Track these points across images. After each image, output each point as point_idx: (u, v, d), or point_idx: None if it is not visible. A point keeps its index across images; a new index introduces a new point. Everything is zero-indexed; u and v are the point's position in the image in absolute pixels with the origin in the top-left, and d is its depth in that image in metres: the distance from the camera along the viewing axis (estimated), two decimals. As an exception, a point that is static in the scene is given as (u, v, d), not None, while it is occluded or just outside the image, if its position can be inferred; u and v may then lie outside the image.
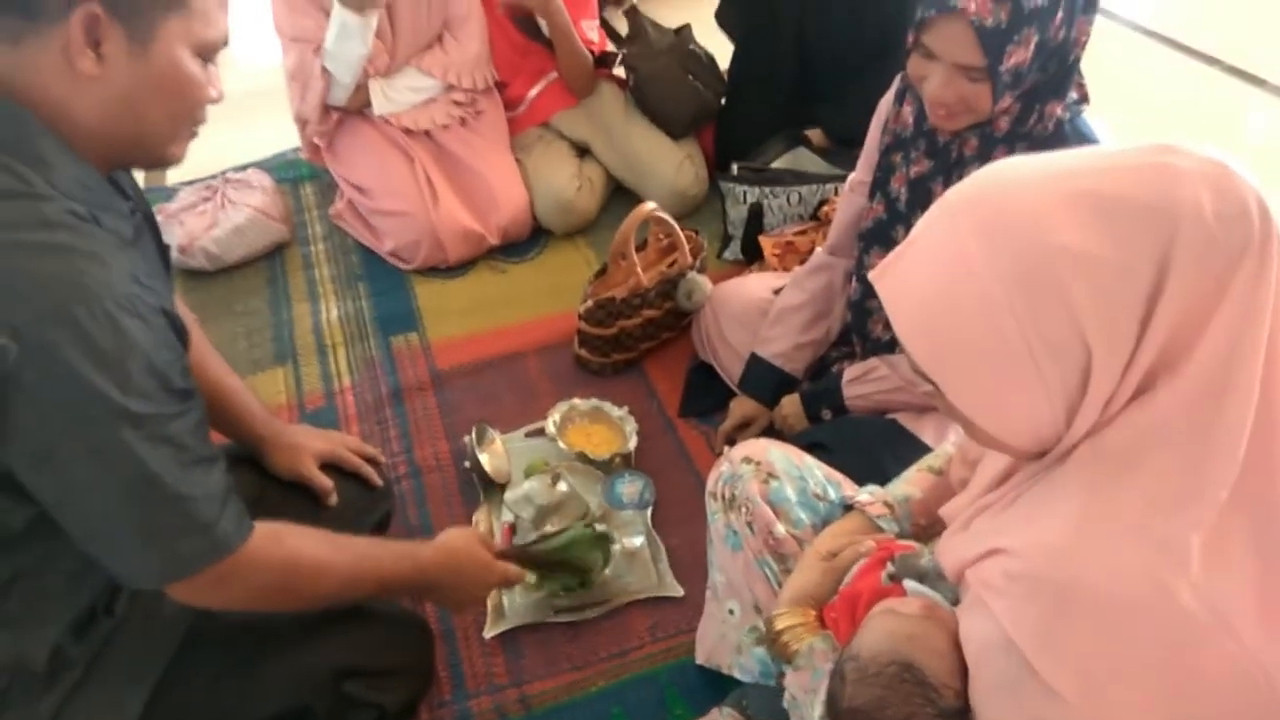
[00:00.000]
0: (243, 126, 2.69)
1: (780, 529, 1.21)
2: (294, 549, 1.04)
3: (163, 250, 1.11)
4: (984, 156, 1.36)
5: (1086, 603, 0.71)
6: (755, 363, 1.73)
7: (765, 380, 1.72)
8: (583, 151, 2.48)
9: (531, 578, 1.45)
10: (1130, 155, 0.73)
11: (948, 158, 1.41)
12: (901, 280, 0.78)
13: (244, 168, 2.55)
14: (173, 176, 2.59)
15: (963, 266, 0.72)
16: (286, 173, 2.67)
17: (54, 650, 0.99)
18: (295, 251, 2.39)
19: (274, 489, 1.38)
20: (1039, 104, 1.31)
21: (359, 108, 2.31)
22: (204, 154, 1.01)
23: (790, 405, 1.67)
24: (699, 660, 1.31)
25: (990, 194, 0.74)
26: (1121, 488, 0.72)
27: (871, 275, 0.82)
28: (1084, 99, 1.37)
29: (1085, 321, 0.69)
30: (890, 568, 0.97)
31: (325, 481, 1.41)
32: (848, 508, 1.18)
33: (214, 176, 2.44)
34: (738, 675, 1.22)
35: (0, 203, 0.84)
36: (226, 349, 1.50)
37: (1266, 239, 0.69)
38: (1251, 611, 0.71)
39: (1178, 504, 0.70)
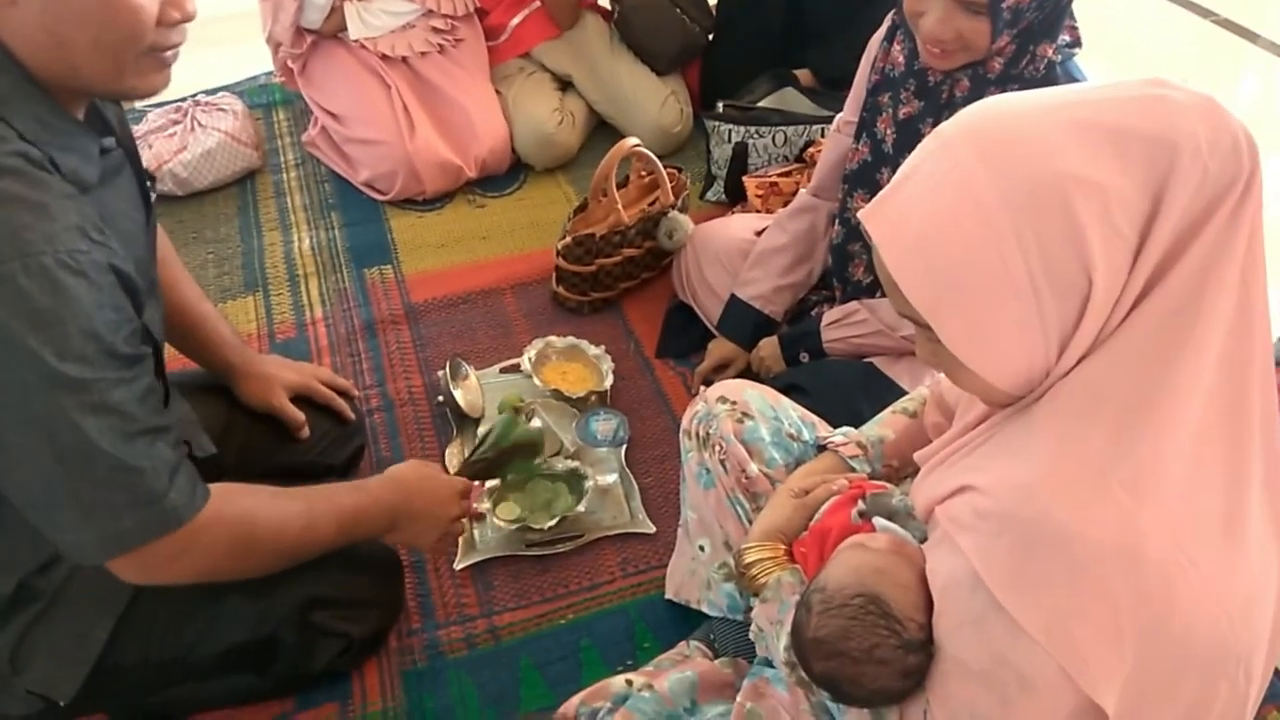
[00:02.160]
0: (213, 48, 2.61)
1: (753, 468, 1.21)
2: (247, 509, 1.00)
3: (143, 186, 1.05)
4: (976, 98, 1.31)
5: (1055, 541, 0.71)
6: (734, 304, 1.72)
7: (744, 322, 1.71)
8: (565, 85, 2.43)
9: (486, 502, 1.47)
10: (1124, 88, 0.72)
11: (938, 98, 1.39)
12: (896, 216, 0.76)
13: (214, 91, 2.48)
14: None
15: (968, 197, 0.70)
16: (259, 97, 2.60)
17: (18, 585, 0.98)
18: (266, 179, 2.34)
19: (242, 419, 1.36)
20: (1032, 45, 1.29)
21: (334, 31, 2.24)
22: (173, 76, 0.94)
23: (768, 347, 1.66)
24: (668, 595, 1.32)
25: (991, 124, 0.72)
26: (1090, 422, 0.72)
27: (861, 214, 0.79)
28: (1076, 42, 1.35)
29: (1091, 252, 0.68)
30: (861, 505, 0.98)
31: (297, 414, 1.39)
32: (821, 448, 1.18)
33: (183, 99, 2.37)
34: (706, 610, 1.23)
35: None
36: (195, 276, 1.46)
37: (1253, 174, 0.69)
38: (1217, 541, 0.71)
39: (1143, 432, 0.71)
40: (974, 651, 0.79)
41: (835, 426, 1.22)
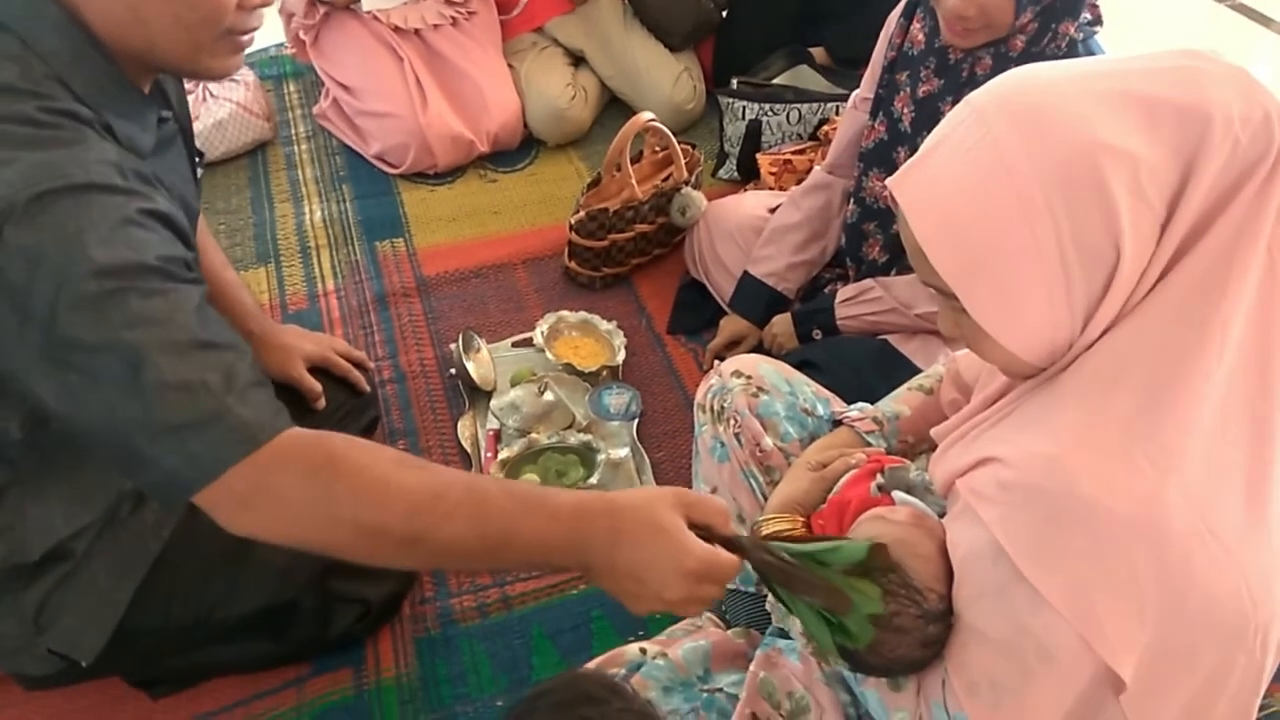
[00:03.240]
0: (225, 18, 2.59)
1: (768, 441, 1.21)
2: (341, 450, 0.80)
3: (193, 161, 1.07)
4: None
5: (1079, 513, 0.72)
6: (747, 281, 1.72)
7: (756, 299, 1.71)
8: (577, 60, 2.42)
9: (499, 474, 1.33)
10: (1158, 59, 0.72)
11: (959, 76, 1.38)
12: (925, 184, 0.75)
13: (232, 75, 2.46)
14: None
15: (1000, 166, 0.70)
16: (270, 69, 2.59)
17: (52, 549, 0.98)
18: (278, 150, 2.33)
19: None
20: (1054, 23, 1.29)
21: (346, 3, 2.23)
22: None
23: (781, 324, 1.66)
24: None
25: (1024, 93, 0.72)
26: (1116, 394, 0.72)
27: (889, 181, 0.79)
28: (1097, 20, 1.35)
29: (1121, 222, 0.68)
30: (880, 479, 0.98)
31: (314, 385, 1.40)
32: (836, 423, 1.18)
33: (195, 71, 2.36)
34: (719, 583, 1.23)
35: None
36: (207, 246, 1.50)
37: None
38: (1239, 514, 0.72)
39: (1168, 405, 0.71)
40: (994, 622, 0.79)
41: (849, 403, 1.23)
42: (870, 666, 0.87)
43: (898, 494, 0.94)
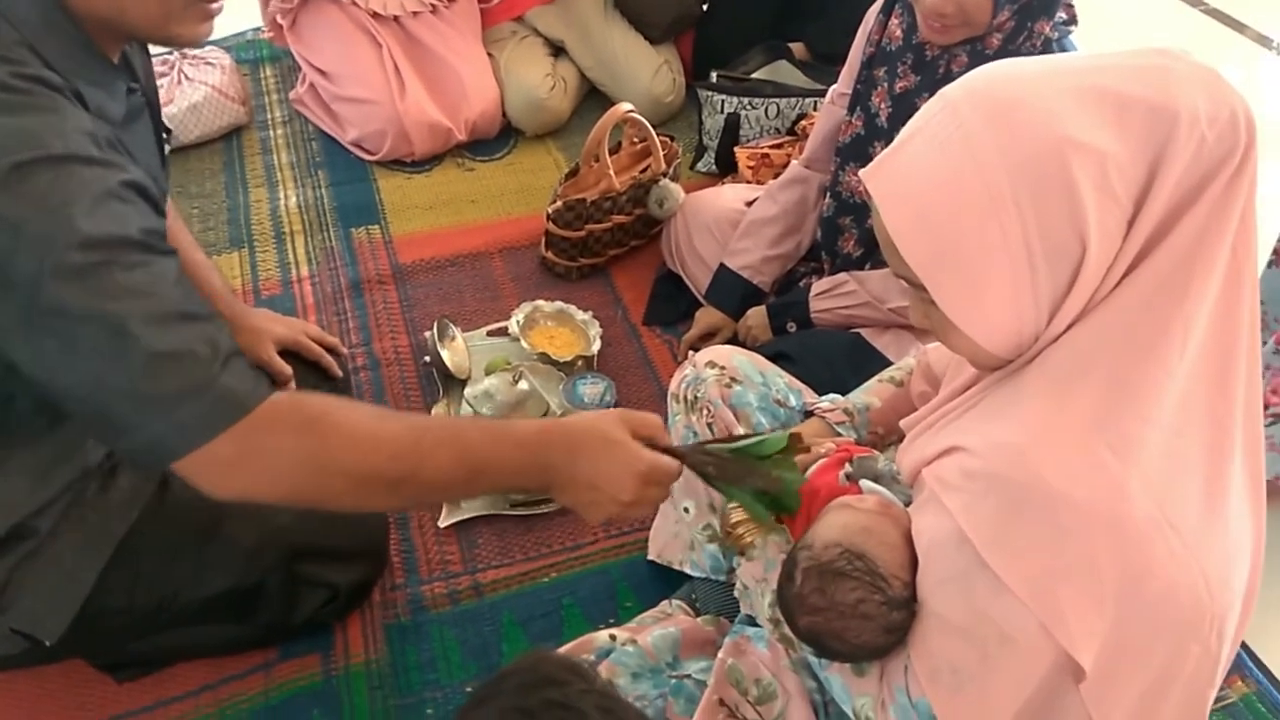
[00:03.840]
0: (201, 0, 2.56)
1: (740, 432, 1.22)
2: (323, 410, 0.85)
3: (159, 137, 1.05)
4: (972, 73, 1.35)
5: (1042, 502, 0.73)
6: (723, 273, 1.72)
7: (732, 291, 1.71)
8: (557, 50, 2.41)
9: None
10: (1127, 56, 0.73)
11: (935, 73, 1.39)
12: (897, 176, 0.76)
13: (202, 45, 2.44)
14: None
15: (969, 159, 0.71)
16: (246, 53, 2.56)
17: (15, 526, 0.97)
18: (253, 135, 2.31)
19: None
20: (1030, 21, 1.30)
21: (325, -14, 2.21)
22: None
23: (756, 317, 1.67)
24: (650, 556, 1.33)
25: (996, 87, 0.73)
26: (1079, 387, 0.74)
27: (862, 173, 0.80)
28: (1072, 20, 1.36)
29: (1087, 218, 0.69)
30: (848, 468, 0.99)
31: (284, 368, 1.39)
32: (808, 414, 1.20)
33: (170, 52, 2.33)
34: (689, 571, 1.24)
35: None
36: (180, 229, 1.49)
37: (1249, 148, 0.71)
38: (1197, 506, 0.73)
39: (1130, 397, 0.72)
40: (956, 608, 0.81)
41: (821, 394, 1.24)
42: (835, 653, 0.89)
43: (865, 483, 0.95)
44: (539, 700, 0.57)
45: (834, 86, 1.60)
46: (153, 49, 1.04)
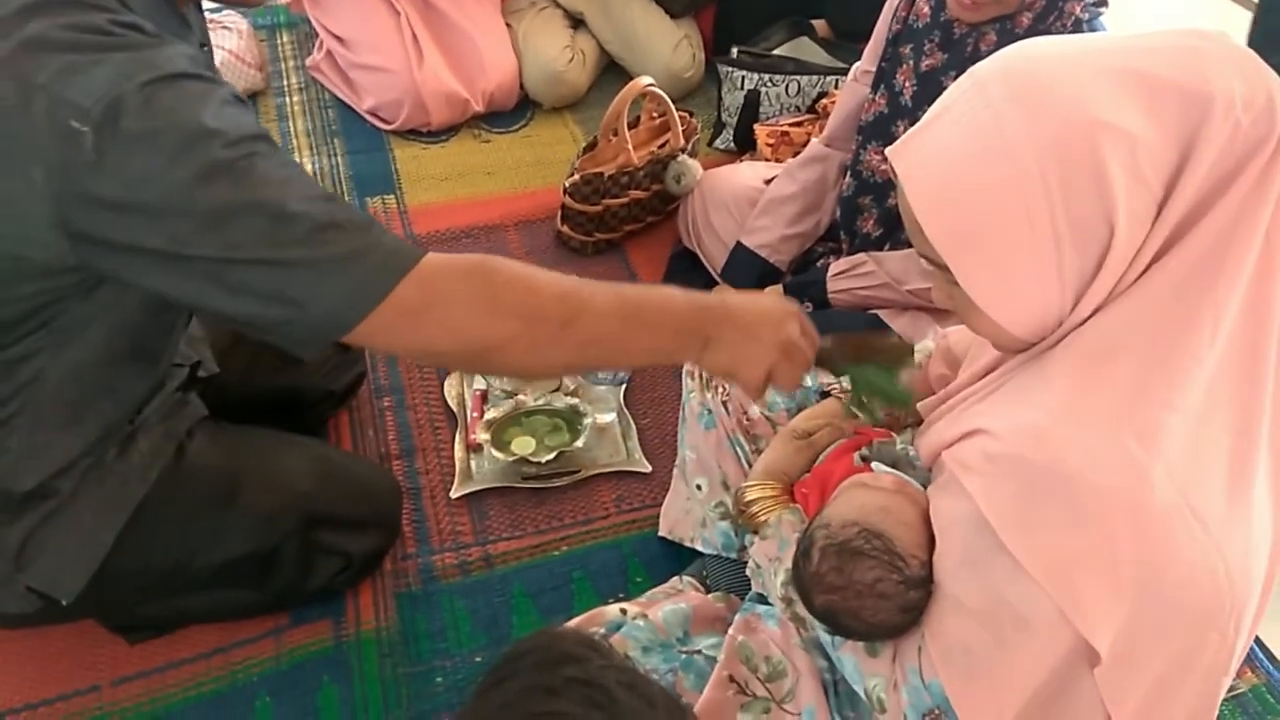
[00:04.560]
0: (219, -36, 2.54)
1: (755, 410, 1.22)
2: (480, 258, 0.86)
3: None
4: (1000, 52, 1.33)
5: (1063, 486, 0.72)
6: (739, 251, 1.71)
7: (748, 270, 1.70)
8: (576, 22, 2.39)
9: (485, 434, 1.40)
10: (1162, 37, 0.72)
11: (963, 52, 1.37)
12: (924, 154, 0.75)
13: (219, 9, 2.42)
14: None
15: (998, 139, 0.70)
16: (264, 18, 2.54)
17: (40, 485, 0.98)
18: (269, 102, 2.30)
19: (246, 339, 1.35)
20: (1061, 1, 1.28)
21: (344, -47, 2.19)
22: None
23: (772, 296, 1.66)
24: (662, 533, 1.34)
25: (1027, 67, 0.72)
26: (1105, 372, 0.73)
27: (889, 150, 0.79)
28: (1103, 1, 1.34)
29: (1116, 202, 0.68)
30: (865, 450, 0.99)
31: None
32: (824, 394, 1.19)
33: (188, 14, 2.32)
34: (700, 548, 1.24)
35: (69, 7, 0.78)
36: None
37: None
38: (1221, 496, 0.73)
39: (1157, 384, 0.71)
40: (973, 590, 0.80)
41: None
42: (851, 631, 0.88)
43: (877, 465, 0.94)
44: (560, 678, 0.56)
45: (857, 64, 1.58)
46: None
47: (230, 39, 2.24)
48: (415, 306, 0.82)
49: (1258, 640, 1.32)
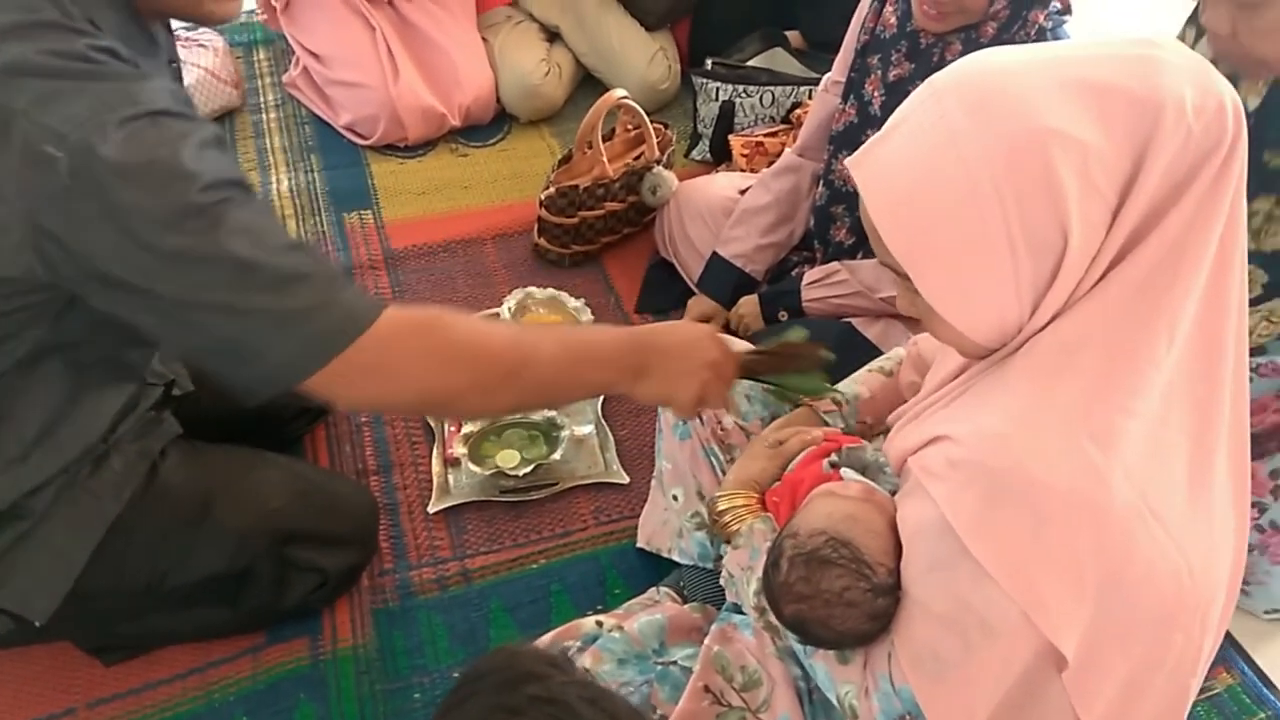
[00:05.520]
0: (194, -18, 2.54)
1: (729, 420, 1.22)
2: (433, 314, 0.89)
3: None
4: (966, 62, 1.34)
5: (1023, 490, 0.73)
6: (715, 262, 1.72)
7: (724, 280, 1.71)
8: (552, 36, 2.40)
9: (462, 448, 1.41)
10: (1115, 46, 0.72)
11: (929, 61, 1.39)
12: (881, 165, 0.76)
13: (195, 27, 2.42)
14: (117, 30, 2.45)
15: (951, 149, 0.71)
16: (240, 35, 2.54)
17: (12, 505, 0.98)
18: (245, 119, 2.29)
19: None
20: (1025, 10, 1.30)
21: (319, -31, 2.20)
22: None
23: (748, 305, 1.67)
24: (639, 544, 1.34)
25: (980, 77, 0.73)
26: (1065, 377, 0.74)
27: (848, 161, 0.80)
28: (1066, 9, 1.36)
29: (1069, 209, 0.69)
30: (834, 457, 0.99)
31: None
32: (797, 403, 1.19)
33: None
34: (677, 558, 1.25)
35: (48, 31, 0.79)
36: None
37: (1236, 139, 0.70)
38: (1181, 497, 0.73)
39: (1115, 389, 0.72)
40: (939, 596, 0.81)
41: (811, 383, 1.24)
42: (820, 640, 0.89)
43: (847, 471, 0.95)
44: (522, 697, 0.56)
45: (828, 74, 1.60)
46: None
47: (206, 56, 2.24)
48: (369, 363, 0.84)
49: (1232, 641, 1.33)
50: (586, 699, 0.56)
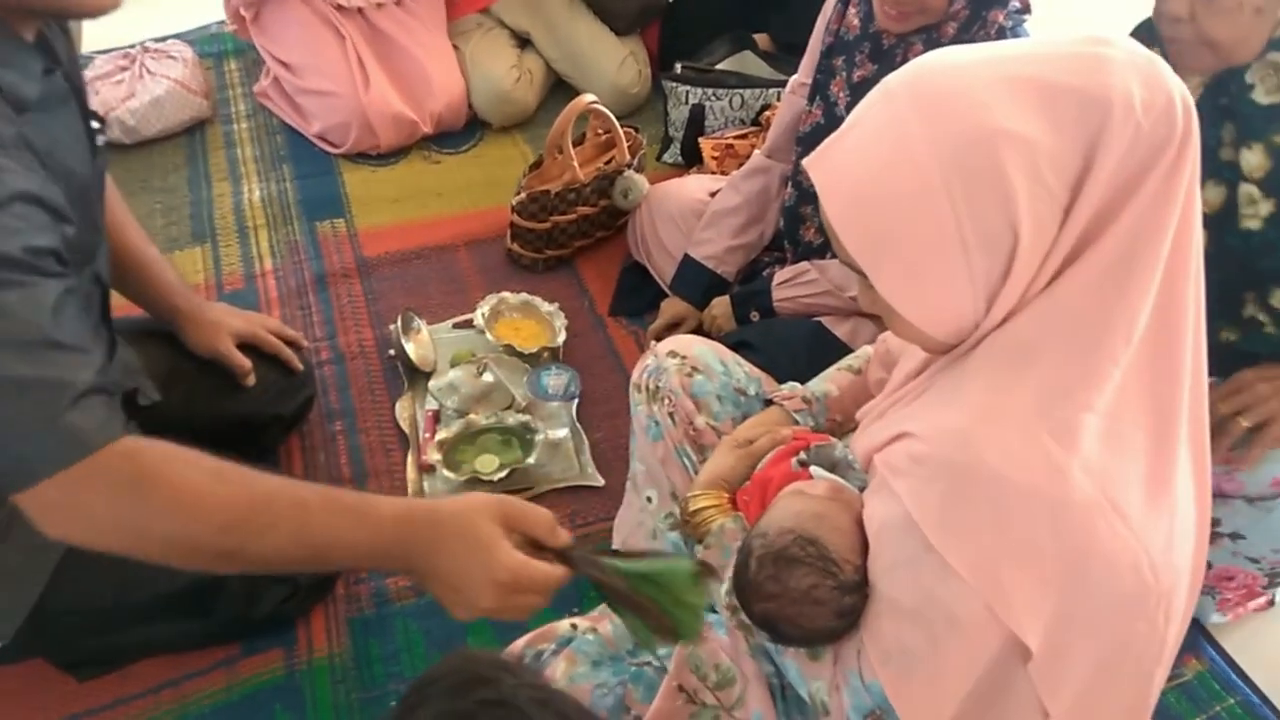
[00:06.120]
0: (163, -6, 2.54)
1: (700, 420, 1.22)
2: (158, 464, 0.80)
3: (88, 125, 1.01)
4: (928, 61, 1.36)
5: (985, 485, 0.74)
6: (687, 264, 1.73)
7: (696, 281, 1.72)
8: (523, 42, 2.40)
9: (436, 454, 1.38)
10: (1065, 44, 0.73)
11: (892, 62, 1.40)
12: (837, 165, 0.77)
13: (164, 39, 2.41)
14: (87, 44, 2.43)
15: (903, 151, 0.72)
16: (209, 46, 2.53)
17: None
18: (217, 129, 2.29)
19: (187, 366, 1.35)
20: (985, 10, 1.31)
21: (288, -22, 2.19)
22: (121, 23, 0.90)
23: (720, 306, 1.68)
24: (615, 545, 1.34)
25: (930, 78, 0.74)
26: (1023, 373, 0.75)
27: (806, 161, 0.81)
28: (1026, 9, 1.37)
29: (1018, 207, 0.70)
30: (803, 455, 1.00)
31: (243, 360, 1.38)
32: (768, 402, 1.20)
33: (132, 46, 2.30)
34: (652, 560, 1.24)
35: None
36: (142, 225, 1.44)
37: (1187, 135, 0.71)
38: (1139, 491, 0.74)
39: (1073, 386, 0.73)
40: (906, 591, 0.82)
41: (783, 382, 1.24)
42: (790, 638, 0.89)
43: (815, 469, 0.95)
44: (473, 701, 0.55)
45: (794, 76, 1.61)
46: (113, 41, 1.01)
47: (175, 68, 2.23)
48: (54, 504, 0.78)
49: (1200, 627, 1.35)
50: (537, 701, 0.56)
